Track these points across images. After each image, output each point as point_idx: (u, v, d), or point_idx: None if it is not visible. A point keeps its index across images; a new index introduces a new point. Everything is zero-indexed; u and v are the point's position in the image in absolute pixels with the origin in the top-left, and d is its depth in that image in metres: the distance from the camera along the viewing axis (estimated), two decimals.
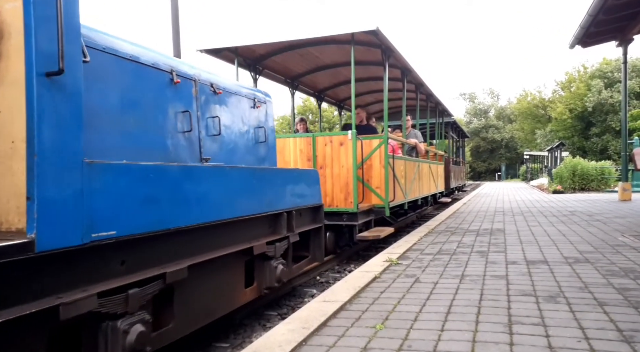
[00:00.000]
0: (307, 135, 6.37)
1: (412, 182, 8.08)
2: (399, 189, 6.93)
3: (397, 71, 7.80)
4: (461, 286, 3.45)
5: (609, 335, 2.33)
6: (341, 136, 6.13)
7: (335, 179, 6.11)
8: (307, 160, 6.23)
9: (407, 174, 7.66)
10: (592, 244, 5.21)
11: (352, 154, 5.98)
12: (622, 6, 8.73)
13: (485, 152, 64.51)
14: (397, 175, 6.79)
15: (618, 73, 35.40)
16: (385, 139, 6.34)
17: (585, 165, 19.01)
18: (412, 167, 8.13)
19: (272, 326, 3.59)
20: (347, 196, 6.02)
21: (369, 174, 6.32)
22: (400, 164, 7.15)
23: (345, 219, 5.94)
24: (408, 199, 7.64)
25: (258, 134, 4.48)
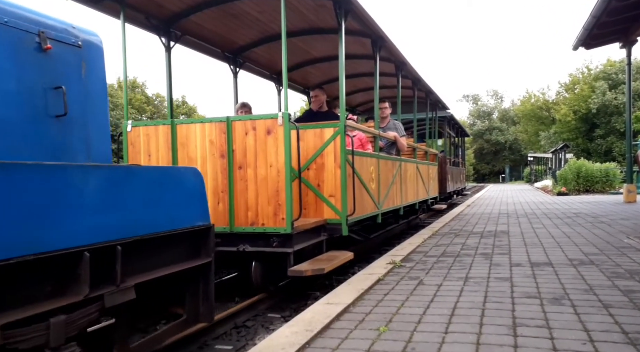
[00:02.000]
0: (219, 119, 4.33)
1: (390, 187, 6.49)
2: (366, 197, 5.33)
3: (366, 40, 6.08)
4: (465, 288, 3.44)
5: (614, 337, 2.31)
6: (269, 121, 4.14)
7: (261, 184, 4.18)
8: (220, 157, 4.30)
9: (382, 176, 6.07)
10: (597, 246, 5.19)
11: (285, 147, 4.09)
12: (626, 8, 8.71)
13: (489, 154, 64.40)
14: (362, 178, 5.20)
15: (622, 74, 35.30)
16: (341, 127, 4.60)
17: (589, 167, 18.93)
18: (389, 167, 6.54)
19: (275, 328, 3.59)
20: (277, 209, 4.11)
21: (319, 176, 4.69)
22: (369, 164, 5.53)
23: (274, 244, 4.09)
24: (383, 209, 6.08)
25: (51, 101, 2.56)
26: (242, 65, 6.95)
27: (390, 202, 6.53)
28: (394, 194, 6.76)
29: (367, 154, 5.61)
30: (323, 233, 4.70)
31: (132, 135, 4.70)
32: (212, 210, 4.04)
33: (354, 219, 4.86)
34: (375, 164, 5.83)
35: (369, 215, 5.48)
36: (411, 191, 7.97)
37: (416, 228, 8.97)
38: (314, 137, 4.74)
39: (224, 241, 4.14)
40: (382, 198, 6.03)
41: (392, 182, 6.62)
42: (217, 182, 4.30)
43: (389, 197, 6.44)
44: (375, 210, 5.74)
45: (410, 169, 7.97)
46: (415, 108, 9.08)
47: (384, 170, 6.20)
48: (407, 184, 7.64)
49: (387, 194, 6.36)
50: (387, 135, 6.92)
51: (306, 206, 4.66)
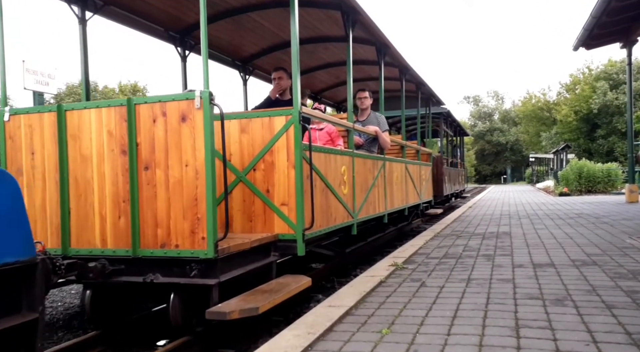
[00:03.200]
0: (119, 102, 3.25)
1: (370, 191, 5.55)
2: (334, 205, 4.39)
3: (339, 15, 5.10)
4: (467, 290, 3.43)
5: (617, 338, 2.31)
6: (183, 103, 3.06)
7: (175, 190, 3.08)
8: (121, 154, 3.20)
9: (359, 178, 5.14)
10: (599, 246, 5.18)
11: (206, 138, 2.99)
12: (626, 8, 8.71)
13: (491, 155, 64.44)
14: (329, 180, 4.28)
15: (623, 74, 35.27)
16: (295, 115, 3.64)
17: (591, 167, 18.91)
18: (369, 168, 5.59)
19: (277, 331, 3.57)
20: (195, 225, 3.02)
21: (268, 179, 3.72)
22: (339, 163, 4.56)
23: (192, 273, 3.01)
24: (360, 218, 5.09)
25: None
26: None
27: (370, 209, 5.55)
28: (375, 200, 5.76)
29: (336, 151, 4.58)
30: (273, 253, 3.68)
31: (11, 126, 3.52)
32: (112, 227, 3.19)
33: (314, 234, 3.88)
34: (348, 163, 4.83)
35: (339, 226, 4.51)
36: (399, 195, 7.01)
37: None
38: (262, 128, 3.74)
39: (127, 269, 3.19)
40: (358, 205, 5.05)
41: (372, 185, 5.64)
42: (118, 189, 3.19)
43: (368, 203, 5.47)
44: (349, 220, 4.78)
45: (397, 170, 6.99)
46: (402, 102, 7.78)
47: (361, 172, 5.26)
48: (393, 187, 6.66)
49: (366, 200, 5.38)
50: (367, 129, 5.90)
51: (252, 217, 3.75)
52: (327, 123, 5.01)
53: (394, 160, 6.92)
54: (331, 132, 5.11)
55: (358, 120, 6.27)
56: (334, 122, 5.06)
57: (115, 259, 3.20)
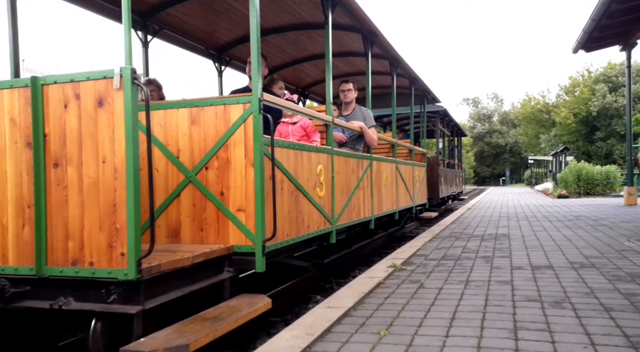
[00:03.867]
0: (23, 83, 2.62)
1: (353, 194, 5.03)
2: (306, 210, 3.86)
3: None
4: (466, 292, 3.43)
5: (615, 341, 2.31)
6: (100, 83, 2.47)
7: (90, 193, 2.49)
8: (25, 147, 2.59)
9: (340, 179, 4.65)
10: (597, 249, 5.18)
11: (127, 127, 2.40)
12: (626, 11, 8.73)
13: (489, 157, 64.52)
14: (300, 182, 3.74)
15: (622, 77, 35.37)
16: (255, 103, 3.08)
17: (590, 169, 18.93)
18: (352, 168, 5.06)
19: (276, 332, 3.57)
20: (112, 237, 2.43)
21: (222, 180, 3.16)
22: (314, 162, 4.04)
23: (109, 298, 2.42)
24: (340, 224, 4.62)
25: None
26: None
27: (353, 213, 5.03)
28: (359, 203, 5.23)
29: (310, 148, 4.01)
30: (228, 268, 3.10)
31: None
32: (15, 238, 2.58)
33: (278, 245, 3.33)
34: (326, 162, 4.32)
35: (313, 234, 3.98)
36: (388, 198, 6.46)
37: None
38: (216, 119, 3.18)
39: (33, 291, 2.56)
40: (338, 209, 4.55)
41: (356, 186, 5.12)
42: (22, 191, 2.58)
43: (351, 208, 4.96)
44: (327, 226, 4.27)
45: (386, 171, 6.43)
46: (393, 98, 7.09)
47: (342, 172, 4.76)
48: (381, 189, 6.13)
49: (348, 203, 4.86)
50: (351, 125, 5.33)
51: (204, 225, 3.18)
52: (302, 116, 4.42)
53: (383, 159, 6.39)
54: (306, 127, 4.46)
55: (342, 115, 5.71)
56: (309, 116, 4.37)
57: (18, 279, 2.55)
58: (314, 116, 4.39)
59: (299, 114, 4.33)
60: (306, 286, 4.72)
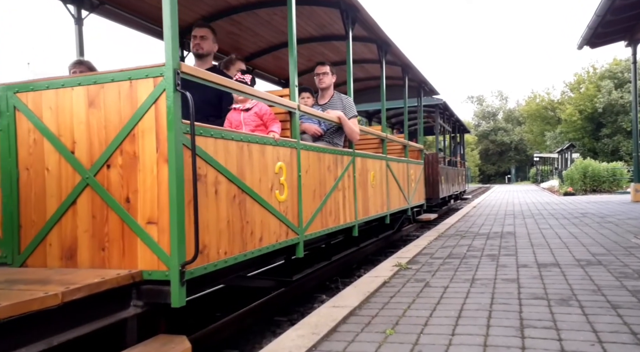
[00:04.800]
0: None
1: (329, 197, 4.23)
2: (260, 218, 3.09)
3: None
4: (472, 290, 3.42)
5: (623, 338, 2.29)
6: None
7: None
8: None
9: (309, 179, 3.86)
10: (604, 246, 5.15)
11: None
12: (630, 6, 8.68)
13: (495, 154, 64.29)
14: (247, 184, 2.95)
15: (628, 73, 35.13)
16: (169, 78, 2.28)
17: (596, 166, 18.84)
18: (327, 165, 4.26)
19: (281, 331, 3.58)
20: None
21: (129, 182, 2.38)
22: (270, 157, 3.26)
23: None
24: (310, 234, 3.82)
25: None
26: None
27: (329, 219, 4.23)
28: (337, 207, 4.45)
29: (262, 140, 3.14)
30: (135, 302, 2.29)
31: None
32: None
33: (211, 268, 2.50)
34: (289, 158, 3.51)
35: (269, 249, 3.15)
36: (377, 200, 5.68)
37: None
38: (120, 99, 2.39)
39: None
40: (307, 216, 3.76)
41: (334, 187, 4.35)
42: None
43: (326, 213, 4.16)
44: (291, 237, 3.48)
45: (374, 169, 5.64)
46: (382, 87, 6.35)
47: (314, 170, 3.96)
48: (367, 189, 5.34)
49: (322, 208, 4.07)
50: (327, 115, 4.52)
51: (105, 243, 2.38)
52: (257, 101, 3.47)
53: (370, 156, 5.57)
54: (263, 115, 3.56)
55: (317, 104, 4.95)
56: (267, 101, 3.37)
57: None
58: (273, 102, 3.42)
59: (252, 98, 3.35)
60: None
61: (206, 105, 3.60)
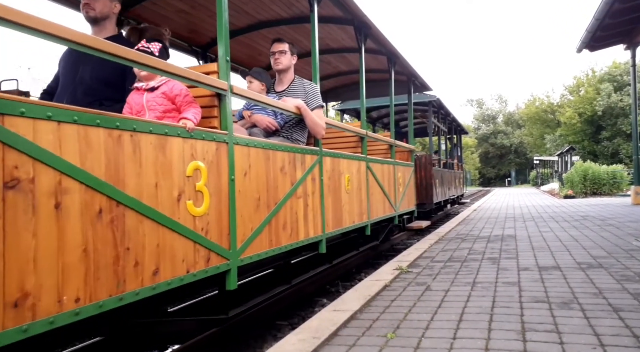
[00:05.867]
0: None
1: (282, 206, 3.41)
2: (157, 240, 2.22)
3: None
4: (473, 293, 3.42)
5: (625, 341, 2.29)
6: None
7: None
8: None
9: (249, 185, 3.03)
10: (605, 249, 5.14)
11: None
12: (629, 10, 8.70)
13: (494, 157, 64.37)
14: (127, 192, 2.08)
15: (627, 76, 35.19)
16: None
17: (596, 169, 18.84)
18: (279, 166, 3.43)
19: (282, 335, 3.58)
20: None
21: None
22: (177, 155, 2.39)
23: None
24: (246, 258, 2.92)
25: None
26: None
27: (282, 235, 3.37)
28: (296, 218, 3.60)
29: (160, 128, 2.29)
30: None
31: None
32: None
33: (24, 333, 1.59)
34: (212, 155, 2.64)
35: (167, 286, 2.27)
36: (353, 208, 4.86)
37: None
38: None
39: None
40: (245, 233, 2.89)
41: (290, 194, 3.51)
42: None
43: (277, 227, 3.30)
44: (216, 264, 2.61)
45: (350, 171, 4.83)
46: (362, 76, 5.41)
47: (257, 172, 3.09)
48: (341, 195, 4.54)
49: (270, 221, 3.20)
50: (282, 104, 3.68)
51: None
52: (168, 78, 2.64)
53: (344, 156, 4.74)
54: (175, 96, 2.70)
55: (274, 91, 4.16)
56: (181, 78, 2.48)
57: None
58: (191, 80, 2.51)
59: (160, 73, 2.43)
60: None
61: (102, 85, 2.88)
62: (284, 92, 4.15)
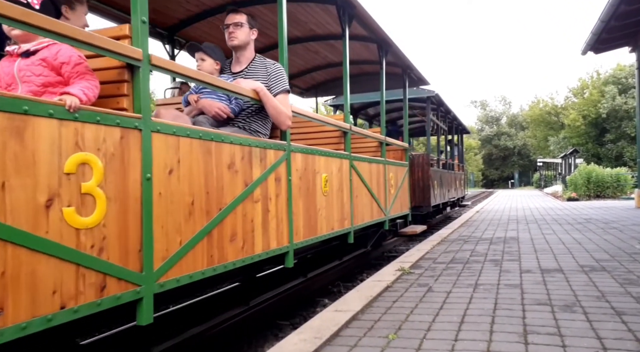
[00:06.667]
0: None
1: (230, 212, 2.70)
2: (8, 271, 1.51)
3: None
4: (475, 295, 3.41)
5: (627, 345, 2.28)
6: None
7: None
8: None
9: (180, 187, 2.30)
10: (608, 252, 5.13)
11: None
12: (634, 12, 8.67)
13: (498, 159, 64.26)
14: None
15: (632, 79, 35.09)
16: None
17: (600, 172, 18.79)
18: (225, 163, 2.70)
19: (284, 335, 3.58)
20: None
21: None
22: (65, 149, 1.74)
23: None
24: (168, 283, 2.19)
25: None
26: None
27: (230, 249, 2.69)
28: (250, 228, 2.90)
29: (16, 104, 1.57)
30: None
31: None
32: None
33: None
34: (114, 147, 1.97)
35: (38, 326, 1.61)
36: (332, 212, 4.20)
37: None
38: None
39: None
40: (170, 250, 2.24)
41: (242, 197, 2.82)
42: None
43: (223, 239, 2.64)
44: (122, 291, 1.96)
45: (328, 170, 4.18)
46: (345, 64, 4.78)
47: (190, 168, 2.41)
48: (315, 198, 3.86)
49: (210, 231, 2.53)
50: (234, 86, 2.96)
51: None
52: (51, 40, 2.04)
53: (321, 152, 4.06)
54: (61, 65, 2.08)
55: (230, 73, 3.44)
56: (78, 43, 1.84)
57: None
58: (90, 45, 1.87)
59: (39, 33, 1.75)
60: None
61: None
62: (241, 74, 3.41)
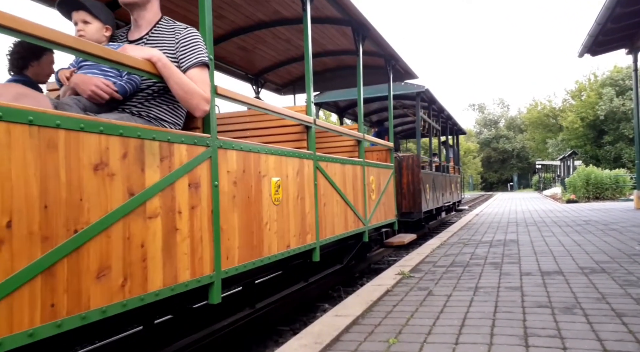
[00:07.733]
0: None
1: (105, 234, 1.83)
2: None
3: None
4: (475, 298, 3.41)
5: (628, 347, 2.28)
6: None
7: None
8: None
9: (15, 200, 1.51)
10: (608, 253, 5.13)
11: None
12: (631, 14, 8.72)
13: (497, 162, 64.33)
14: None
15: (629, 80, 35.22)
16: None
17: (598, 173, 18.81)
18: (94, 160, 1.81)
19: (284, 341, 3.57)
20: None
21: None
22: None
23: None
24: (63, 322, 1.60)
25: None
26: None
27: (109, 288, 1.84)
28: (142, 256, 2.03)
29: None
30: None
31: None
32: None
33: None
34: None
35: None
36: (286, 226, 3.42)
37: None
38: None
39: None
40: None
41: (118, 213, 1.92)
42: None
43: (84, 278, 1.74)
44: None
45: (282, 173, 3.38)
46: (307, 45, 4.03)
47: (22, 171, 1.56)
48: (260, 210, 3.05)
49: (52, 267, 1.63)
50: (121, 55, 2.05)
51: None
52: None
53: (268, 150, 3.19)
54: None
55: (128, 41, 2.61)
56: None
57: None
58: None
59: None
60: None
61: None
62: (139, 42, 2.57)
